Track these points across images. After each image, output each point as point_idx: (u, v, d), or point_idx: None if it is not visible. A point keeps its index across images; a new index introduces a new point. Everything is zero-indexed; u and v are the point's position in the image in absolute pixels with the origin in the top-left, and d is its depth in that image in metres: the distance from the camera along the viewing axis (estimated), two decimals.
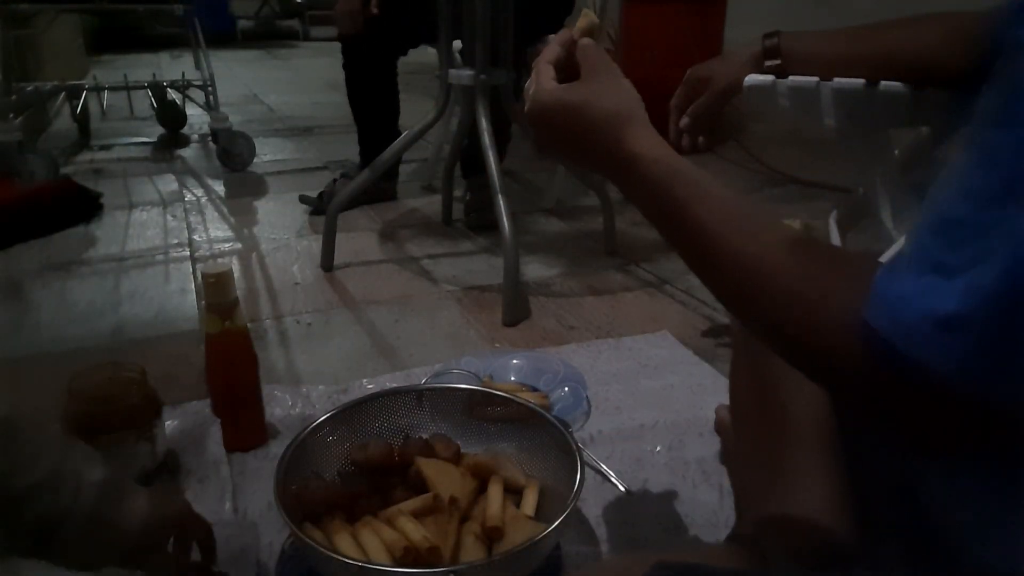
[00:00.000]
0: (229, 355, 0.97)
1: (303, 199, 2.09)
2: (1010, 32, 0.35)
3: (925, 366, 0.34)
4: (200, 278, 1.12)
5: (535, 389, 1.12)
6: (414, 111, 2.03)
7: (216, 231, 1.96)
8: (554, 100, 0.56)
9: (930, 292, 0.33)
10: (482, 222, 1.92)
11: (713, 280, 0.48)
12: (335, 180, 2.09)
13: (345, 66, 2.02)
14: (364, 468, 0.82)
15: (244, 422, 1.00)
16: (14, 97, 2.39)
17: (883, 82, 0.88)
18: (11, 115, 2.35)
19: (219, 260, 1.77)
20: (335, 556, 0.66)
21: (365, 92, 2.05)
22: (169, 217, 2.06)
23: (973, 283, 0.32)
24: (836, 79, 0.90)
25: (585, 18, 0.61)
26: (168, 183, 2.40)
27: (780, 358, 0.45)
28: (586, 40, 0.60)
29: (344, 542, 0.72)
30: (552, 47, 0.60)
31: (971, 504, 0.44)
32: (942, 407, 0.36)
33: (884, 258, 0.39)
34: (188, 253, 1.79)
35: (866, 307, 0.36)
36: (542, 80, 0.57)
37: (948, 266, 0.33)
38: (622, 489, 0.93)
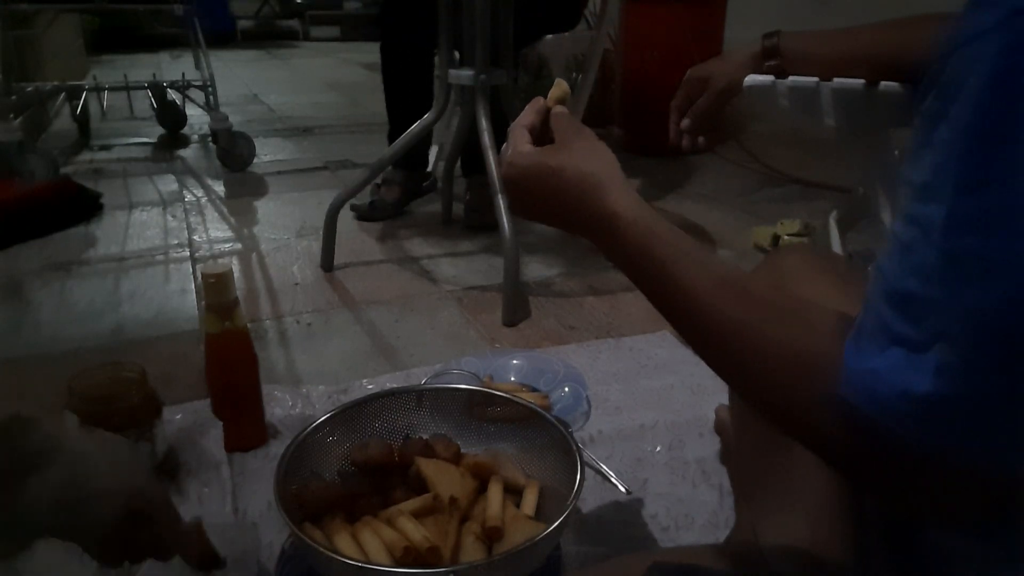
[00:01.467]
0: (229, 355, 0.97)
1: (354, 207, 2.04)
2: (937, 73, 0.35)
3: (906, 440, 0.35)
4: (200, 278, 1.12)
5: (535, 389, 1.12)
6: None
7: (216, 231, 1.96)
8: (531, 163, 0.56)
9: (900, 369, 0.34)
10: (482, 222, 1.92)
11: (693, 342, 0.48)
12: (378, 186, 2.07)
13: (383, 55, 2.00)
14: (364, 468, 0.82)
15: (244, 422, 1.00)
16: (14, 97, 2.39)
17: (883, 82, 0.88)
18: (11, 115, 2.35)
19: (219, 260, 1.77)
20: (335, 556, 0.66)
21: (401, 83, 2.03)
22: (169, 217, 2.06)
23: (942, 363, 0.33)
24: (836, 79, 0.90)
25: (558, 87, 0.63)
26: (168, 183, 2.40)
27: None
28: (559, 108, 0.61)
29: (344, 542, 0.72)
30: (527, 114, 0.61)
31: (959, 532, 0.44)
32: (924, 475, 0.37)
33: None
34: (188, 253, 1.79)
35: (840, 381, 0.37)
36: (518, 144, 0.58)
37: (911, 341, 0.34)
38: (622, 489, 0.93)
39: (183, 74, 2.66)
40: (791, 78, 0.92)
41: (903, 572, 0.51)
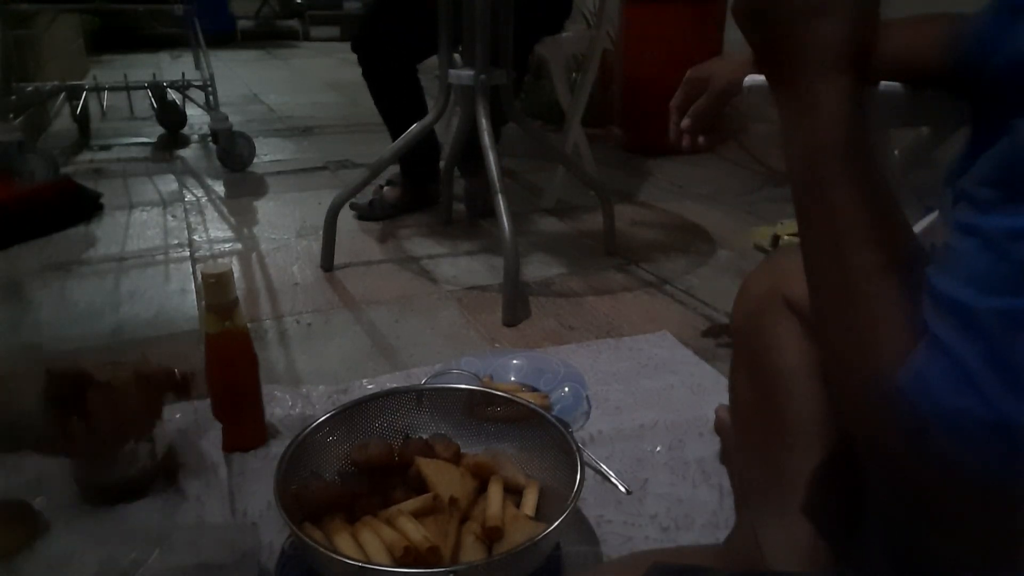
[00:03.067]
0: (229, 355, 0.97)
1: (353, 206, 2.05)
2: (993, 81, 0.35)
3: (957, 453, 0.34)
4: (200, 278, 1.12)
5: (535, 389, 1.12)
6: None
7: (216, 231, 1.96)
8: None
9: (955, 389, 0.34)
10: (485, 210, 1.92)
11: (809, 259, 0.45)
12: (382, 187, 2.08)
13: (364, 75, 2.01)
14: (364, 468, 0.82)
15: (244, 422, 1.00)
16: (14, 97, 2.39)
17: (883, 82, 0.88)
18: (11, 115, 2.35)
19: (219, 260, 1.77)
20: (335, 556, 0.66)
21: (388, 99, 2.03)
22: (169, 217, 2.06)
23: (995, 382, 0.32)
24: None
25: None
26: (168, 183, 2.40)
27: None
28: None
29: (344, 542, 0.72)
30: None
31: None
32: (955, 480, 0.36)
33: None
34: (188, 253, 1.79)
35: (906, 372, 0.36)
36: None
37: (964, 356, 0.33)
38: (622, 489, 0.93)
39: (183, 74, 2.66)
40: None
41: (902, 573, 0.51)
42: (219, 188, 2.37)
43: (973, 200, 0.36)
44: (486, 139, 1.56)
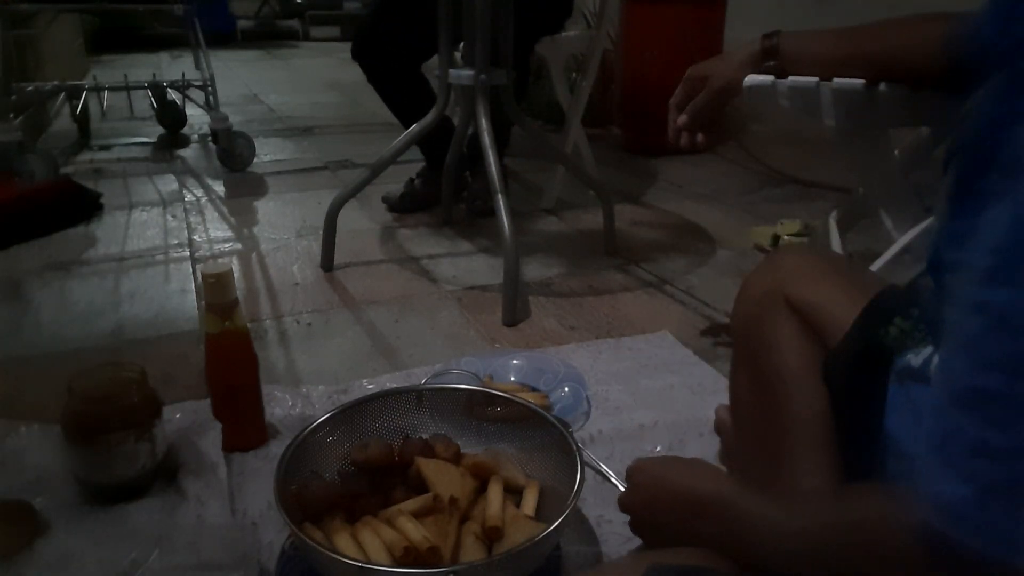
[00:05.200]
0: (229, 355, 0.97)
1: (385, 199, 2.09)
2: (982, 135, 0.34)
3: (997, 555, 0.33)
4: (200, 278, 1.12)
5: (535, 389, 1.12)
6: None
7: (216, 231, 1.96)
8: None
9: (991, 498, 0.32)
10: (486, 208, 1.91)
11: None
12: (412, 180, 2.10)
13: (369, 81, 2.01)
14: (364, 468, 0.82)
15: (244, 422, 1.00)
16: (14, 97, 2.39)
17: (883, 82, 0.88)
18: (11, 115, 2.35)
19: (219, 260, 1.77)
20: (335, 556, 0.66)
21: (397, 101, 2.03)
22: (169, 217, 2.06)
23: None
24: (836, 79, 0.90)
25: None
26: (168, 183, 2.40)
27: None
28: None
29: (344, 542, 0.72)
30: None
31: None
32: None
33: (879, 264, 0.39)
34: (188, 253, 1.79)
35: (925, 513, 0.35)
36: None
37: (995, 447, 0.32)
38: (622, 489, 0.92)
39: (183, 74, 2.65)
40: (791, 78, 0.92)
41: None
42: (219, 188, 2.37)
43: (978, 270, 0.34)
44: (486, 139, 1.56)
